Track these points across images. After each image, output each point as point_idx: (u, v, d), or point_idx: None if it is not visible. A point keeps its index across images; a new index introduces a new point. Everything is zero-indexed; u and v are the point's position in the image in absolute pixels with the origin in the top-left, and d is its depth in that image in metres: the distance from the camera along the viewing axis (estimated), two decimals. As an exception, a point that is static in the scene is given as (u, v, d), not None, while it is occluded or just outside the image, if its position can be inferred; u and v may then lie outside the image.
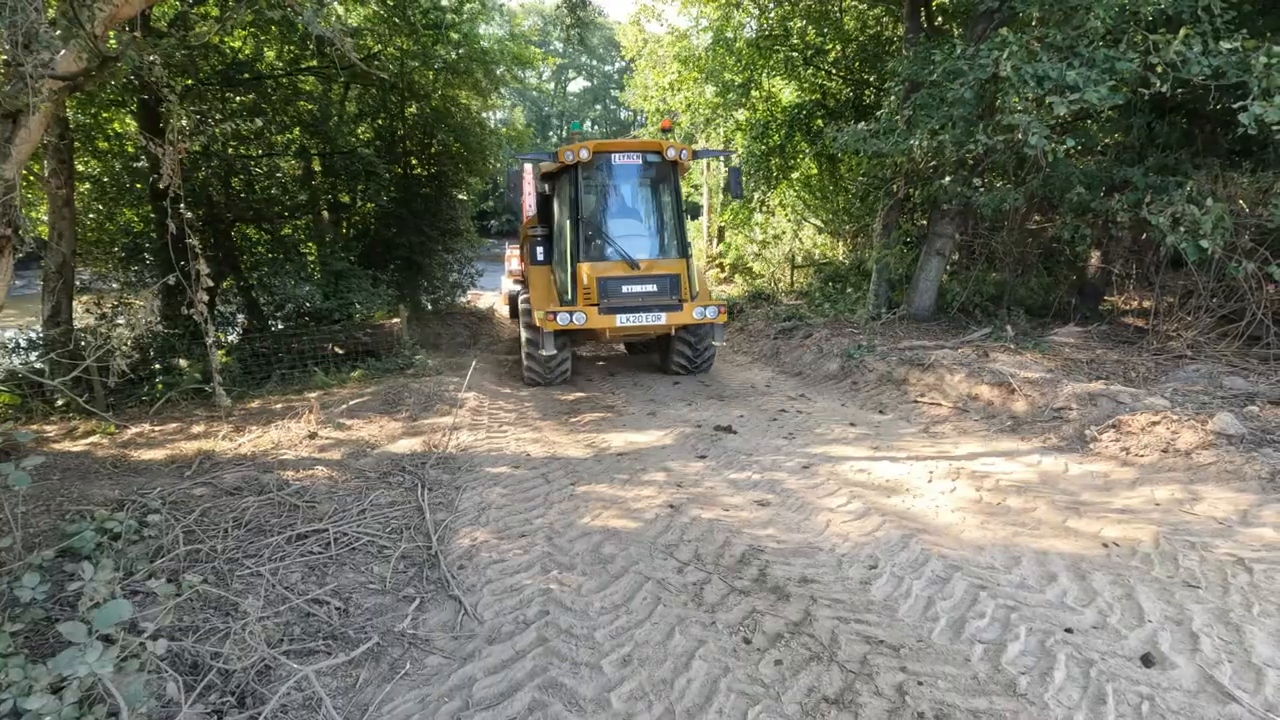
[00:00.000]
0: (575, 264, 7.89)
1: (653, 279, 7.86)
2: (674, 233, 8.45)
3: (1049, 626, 2.91)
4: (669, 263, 8.13)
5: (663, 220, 8.57)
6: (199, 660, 2.70)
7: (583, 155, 7.88)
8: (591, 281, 7.73)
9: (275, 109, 11.60)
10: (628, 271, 7.84)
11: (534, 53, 16.35)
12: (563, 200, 8.48)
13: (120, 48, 5.16)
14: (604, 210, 8.39)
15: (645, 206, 8.69)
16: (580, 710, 2.54)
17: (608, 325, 7.69)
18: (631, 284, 7.78)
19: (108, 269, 11.23)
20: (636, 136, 21.59)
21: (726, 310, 8.17)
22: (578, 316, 7.56)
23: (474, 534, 4.16)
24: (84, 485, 4.94)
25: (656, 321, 7.75)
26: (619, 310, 7.67)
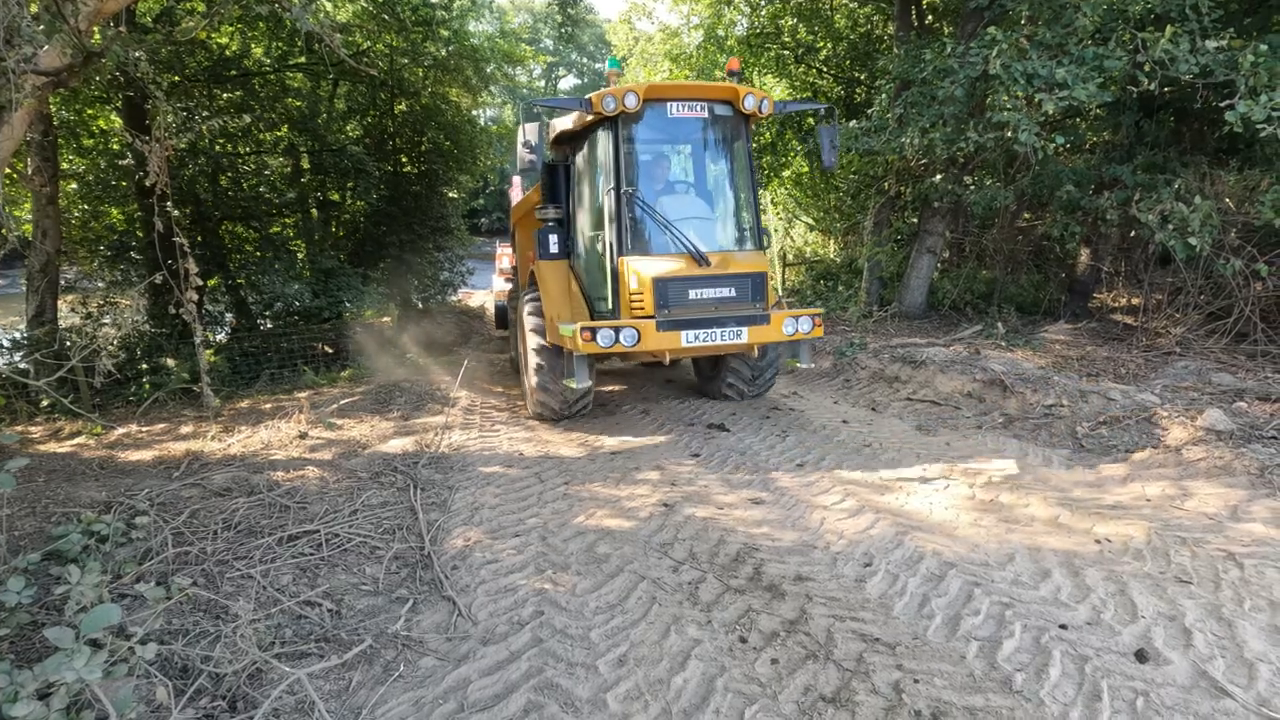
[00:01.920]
0: (616, 259, 5.59)
1: (729, 280, 5.55)
2: (750, 215, 6.23)
3: (1043, 623, 2.91)
4: (748, 258, 5.87)
5: (736, 197, 6.21)
6: (189, 664, 2.66)
7: (629, 102, 5.46)
8: (646, 285, 5.36)
9: (263, 106, 11.49)
10: (695, 270, 5.49)
11: (524, 50, 16.30)
12: (592, 169, 6.17)
13: (105, 43, 5.10)
14: (658, 182, 6.09)
15: (712, 177, 6.39)
16: (576, 711, 2.52)
17: (670, 346, 5.36)
18: (701, 287, 5.46)
19: (93, 268, 11.10)
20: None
21: (823, 320, 5.91)
22: (627, 334, 5.19)
23: (467, 534, 4.14)
24: (70, 487, 4.87)
25: (735, 340, 5.48)
26: (685, 325, 5.35)
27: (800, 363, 6.02)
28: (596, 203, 6.06)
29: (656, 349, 5.39)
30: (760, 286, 5.61)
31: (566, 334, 5.42)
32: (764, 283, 5.65)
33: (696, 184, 6.32)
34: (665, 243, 5.62)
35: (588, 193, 6.30)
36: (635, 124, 5.75)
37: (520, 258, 9.27)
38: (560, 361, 6.16)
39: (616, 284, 5.60)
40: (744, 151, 6.08)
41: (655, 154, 6.12)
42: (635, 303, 5.44)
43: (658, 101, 5.72)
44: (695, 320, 5.39)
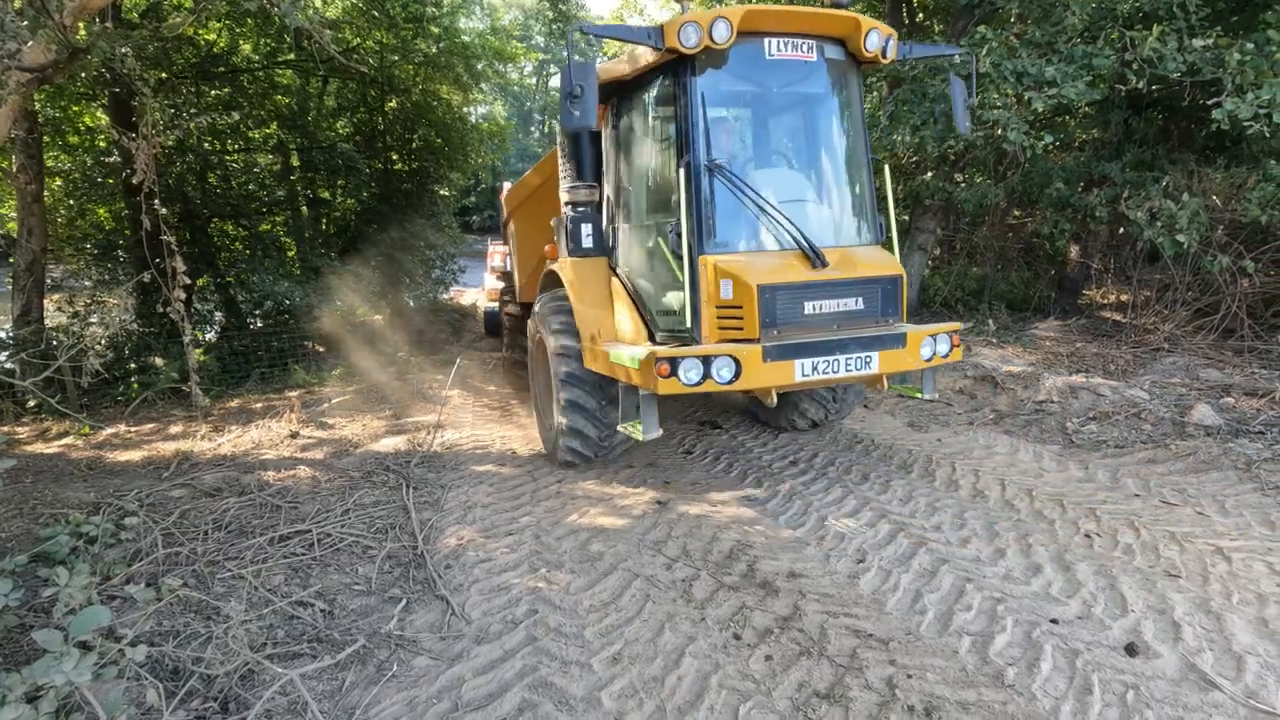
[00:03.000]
0: (694, 257, 4.03)
1: (855, 287, 4.11)
2: (867, 196, 4.63)
3: (1035, 618, 2.94)
4: (873, 255, 4.39)
5: (850, 172, 4.59)
6: (180, 666, 2.65)
7: (718, 35, 3.91)
8: (748, 294, 3.83)
9: (252, 103, 11.40)
10: (811, 274, 4.00)
11: (516, 47, 16.23)
12: (650, 132, 4.68)
13: (90, 39, 5.05)
14: (750, 150, 4.57)
15: (819, 144, 4.67)
16: (571, 709, 2.52)
17: (780, 381, 3.88)
18: (820, 297, 4.01)
19: (80, 266, 10.98)
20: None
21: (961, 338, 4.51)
22: (722, 366, 3.71)
23: (460, 533, 4.12)
24: (58, 488, 4.83)
25: (863, 370, 3.97)
26: (799, 351, 3.85)
27: (924, 393, 4.57)
28: (658, 179, 4.54)
29: (762, 386, 3.87)
30: (894, 294, 4.18)
31: (627, 364, 3.99)
32: (899, 290, 4.19)
33: (798, 153, 4.69)
34: (762, 234, 4.16)
35: (643, 165, 4.72)
36: (721, 67, 4.16)
37: (520, 254, 7.72)
38: (605, 395, 4.68)
39: (695, 293, 3.99)
40: (858, 110, 4.56)
41: (746, 111, 4.59)
42: (727, 319, 3.93)
43: (753, 36, 4.11)
44: (812, 344, 3.83)
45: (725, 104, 4.40)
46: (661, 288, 4.45)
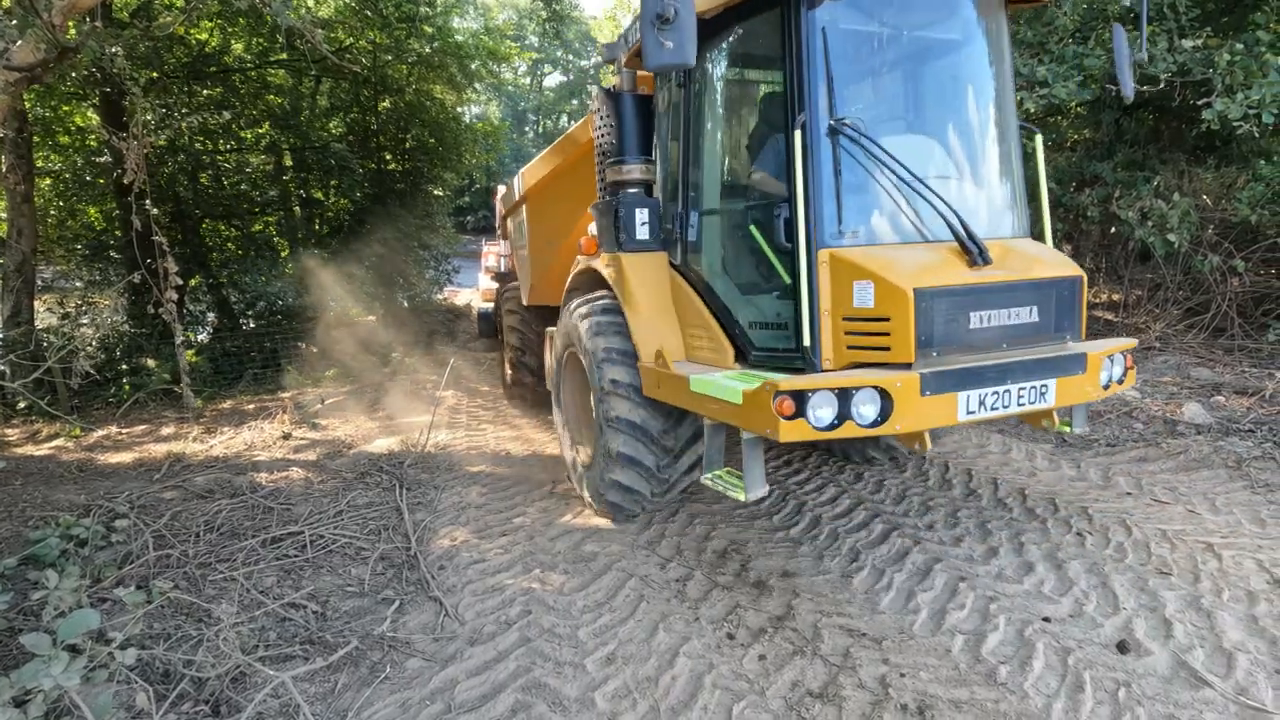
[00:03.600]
0: (811, 251, 3.08)
1: (1028, 292, 3.16)
2: (1016, 171, 3.62)
3: (1027, 616, 2.94)
4: (1040, 251, 3.46)
5: (1001, 140, 3.59)
6: (171, 669, 2.63)
7: None
8: (899, 302, 2.85)
9: (244, 103, 11.36)
10: (974, 274, 3.01)
11: (509, 47, 16.21)
12: (732, 91, 3.91)
13: (80, 38, 5.02)
14: (880, 110, 3.52)
15: (964, 102, 3.59)
16: (565, 710, 2.51)
17: (941, 421, 2.94)
18: (988, 304, 3.05)
19: (70, 267, 10.93)
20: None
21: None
22: (865, 403, 2.81)
23: (454, 534, 4.11)
24: (48, 490, 4.80)
25: (1037, 404, 3.09)
26: (966, 380, 2.90)
27: (1073, 427, 3.48)
28: (747, 150, 3.73)
29: (916, 428, 2.86)
30: (1073, 303, 3.21)
31: (724, 397, 3.01)
32: (1078, 296, 3.23)
33: (939, 115, 3.56)
34: (902, 220, 3.17)
35: (725, 133, 3.79)
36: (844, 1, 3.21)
37: (532, 248, 6.34)
38: (667, 430, 3.77)
39: (814, 299, 3.02)
40: (1008, 62, 3.59)
41: (875, 58, 3.45)
42: (861, 336, 2.96)
43: None
44: (980, 371, 2.89)
45: (849, 48, 3.27)
46: (755, 292, 3.45)
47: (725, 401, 3.03)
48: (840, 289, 3.01)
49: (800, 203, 3.04)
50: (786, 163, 3.12)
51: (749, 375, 3.13)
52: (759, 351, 3.41)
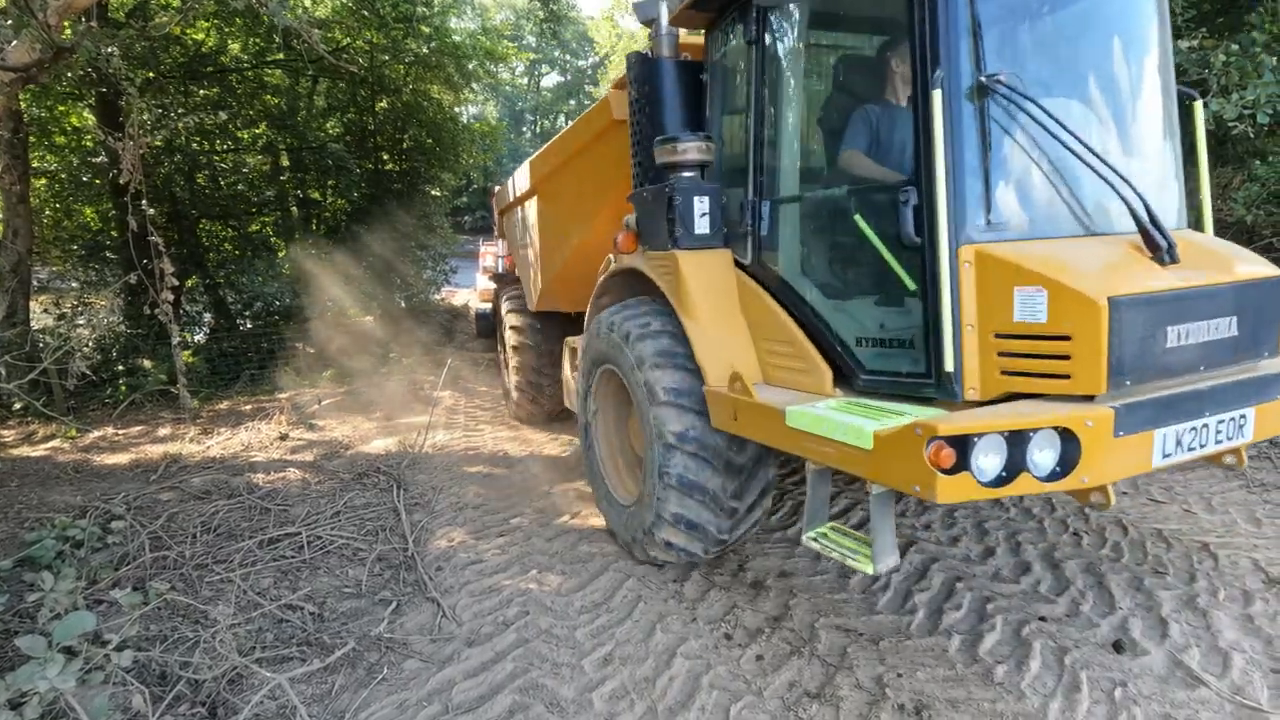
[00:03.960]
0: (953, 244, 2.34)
1: (1229, 298, 2.45)
2: (1176, 151, 3.00)
3: (1024, 616, 2.95)
4: (1224, 248, 2.75)
5: (1164, 114, 2.92)
6: (167, 671, 2.63)
7: None
8: (1087, 313, 2.13)
9: (241, 103, 11.33)
10: (1173, 279, 2.32)
11: (507, 47, 16.20)
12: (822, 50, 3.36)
13: (76, 38, 5.01)
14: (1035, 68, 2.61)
15: (1122, 67, 2.85)
16: (562, 711, 2.51)
17: (1133, 470, 2.34)
18: (1186, 315, 2.33)
19: (67, 268, 10.90)
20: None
21: None
22: (1042, 449, 2.11)
23: (451, 535, 4.11)
24: (44, 491, 4.79)
25: (1234, 440, 2.46)
26: (1163, 413, 2.25)
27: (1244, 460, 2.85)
28: (844, 121, 2.95)
29: (1108, 479, 2.26)
30: (1275, 309, 2.61)
31: (843, 436, 2.34)
32: None
33: (1096, 82, 2.80)
34: (1060, 209, 2.55)
35: (809, 103, 3.19)
36: None
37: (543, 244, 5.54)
38: (734, 468, 3.11)
39: (955, 310, 2.35)
40: (1167, 18, 2.93)
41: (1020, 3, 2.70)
42: (1025, 359, 2.32)
43: None
44: (1176, 401, 2.31)
45: None
46: (860, 299, 2.81)
47: (845, 445, 2.30)
48: (993, 297, 2.32)
49: (937, 185, 2.30)
50: (916, 134, 2.41)
51: (871, 409, 2.46)
52: (871, 376, 2.69)
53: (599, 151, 4.38)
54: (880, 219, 2.61)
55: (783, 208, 3.11)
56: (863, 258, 2.78)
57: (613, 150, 4.09)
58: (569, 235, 4.97)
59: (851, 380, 2.78)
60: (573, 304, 5.25)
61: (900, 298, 2.61)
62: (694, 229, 3.26)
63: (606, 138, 4.23)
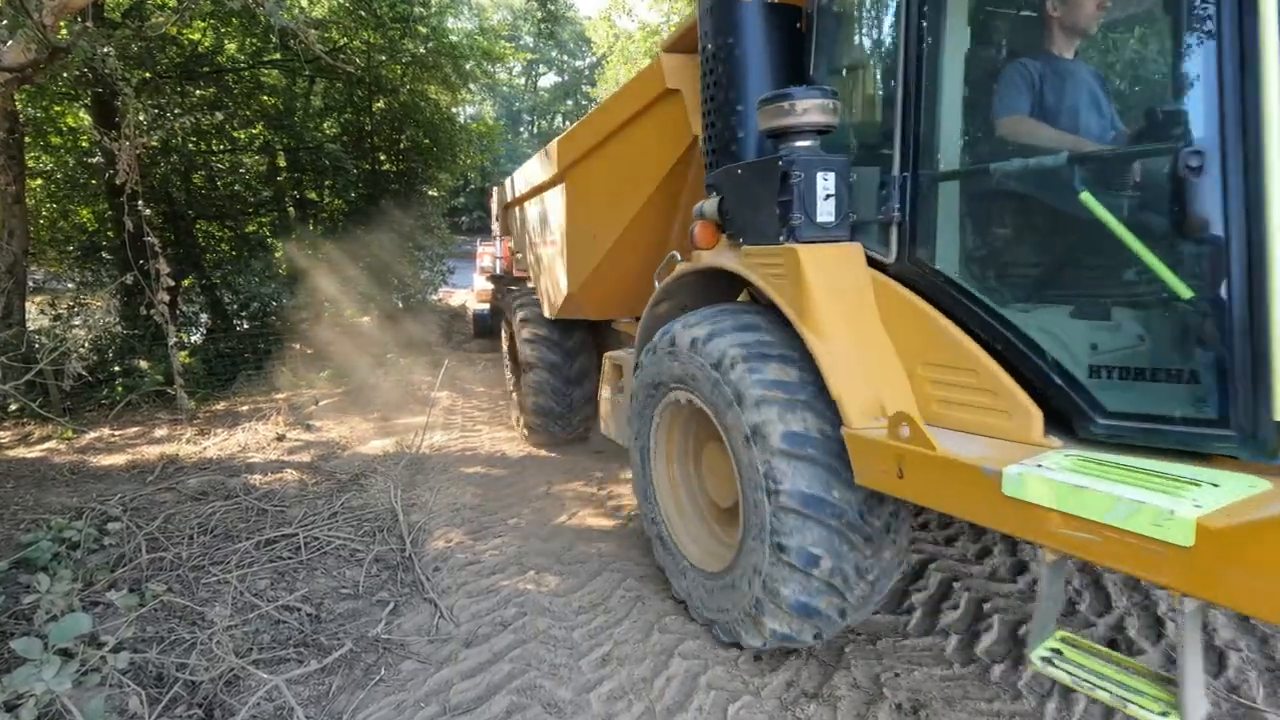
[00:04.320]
0: (1265, 231, 1.59)
1: None
2: None
3: (1020, 615, 2.96)
4: None
5: None
6: (164, 672, 2.62)
7: None
8: None
9: (237, 103, 11.31)
10: None
11: (504, 47, 16.19)
12: None
13: (71, 38, 4.99)
14: None
15: None
16: (559, 712, 2.51)
17: None
18: None
19: (63, 268, 10.87)
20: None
21: None
22: None
23: (449, 535, 4.11)
24: (40, 493, 4.77)
25: None
26: None
27: None
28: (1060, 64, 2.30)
29: None
30: None
31: (1127, 523, 1.56)
32: None
33: None
34: None
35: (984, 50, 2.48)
36: None
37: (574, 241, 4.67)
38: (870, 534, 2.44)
39: None
40: None
41: None
42: None
43: None
44: None
45: None
46: (1094, 310, 2.10)
47: (1133, 535, 1.56)
48: None
49: (1269, 143, 1.58)
50: (1217, 67, 1.67)
51: (1139, 473, 1.73)
52: (1114, 421, 1.94)
53: (646, 128, 3.69)
54: (1129, 198, 1.89)
55: (948, 186, 2.32)
56: (1099, 252, 1.98)
57: (664, 126, 3.47)
58: (604, 230, 4.18)
59: (1076, 425, 2.01)
60: (602, 311, 4.66)
61: (1164, 310, 1.89)
62: (817, 215, 2.47)
63: (656, 112, 3.54)
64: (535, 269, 5.61)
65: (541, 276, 5.41)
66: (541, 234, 5.35)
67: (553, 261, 5.01)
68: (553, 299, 5.08)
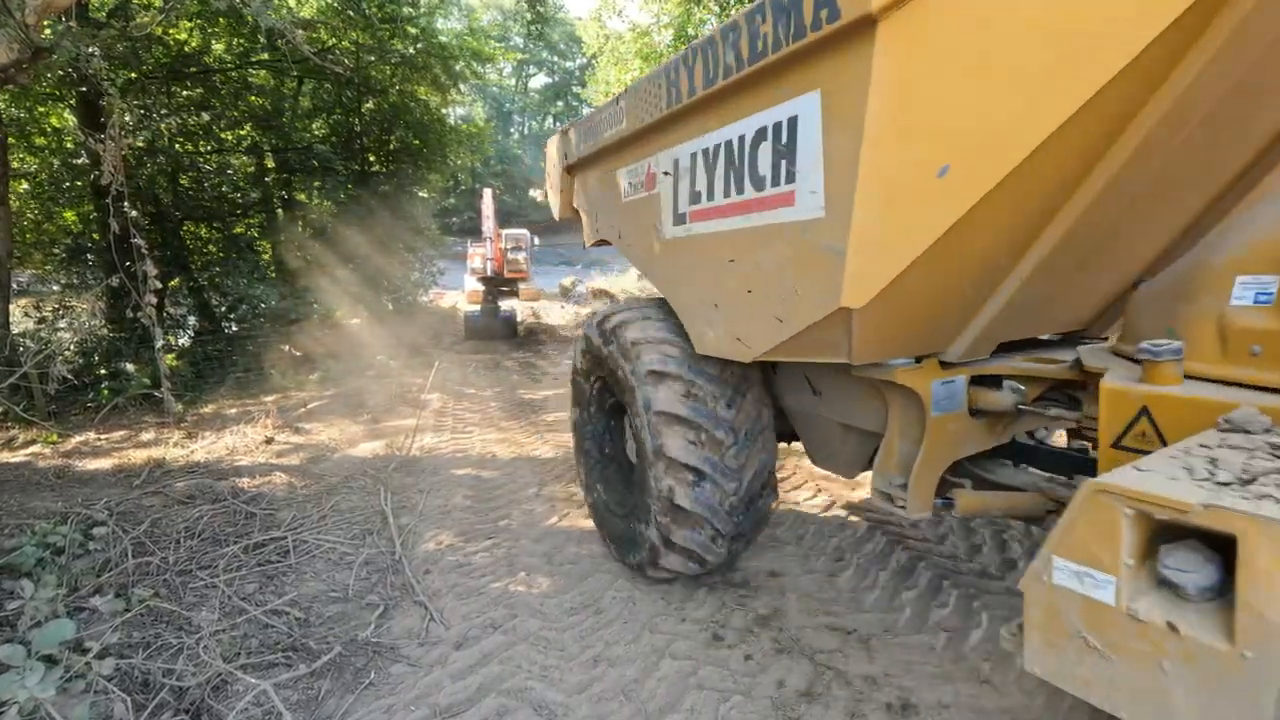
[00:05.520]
0: None
1: None
2: None
3: (1010, 613, 2.97)
4: None
5: None
6: (150, 678, 2.59)
7: None
8: None
9: (225, 103, 11.24)
10: None
11: (494, 48, 16.16)
12: None
13: (55, 38, 4.94)
14: None
15: None
16: (550, 714, 2.50)
17: None
18: None
19: (48, 270, 10.76)
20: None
21: None
22: None
23: (439, 538, 4.09)
24: (24, 498, 4.72)
25: None
26: None
27: None
28: None
29: None
30: None
31: None
32: None
33: None
34: None
35: None
36: None
37: (886, 180, 1.87)
38: None
39: None
40: None
41: None
42: None
43: None
44: None
45: None
46: None
47: None
48: None
49: None
50: None
51: None
52: None
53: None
54: None
55: None
56: None
57: None
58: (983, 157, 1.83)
59: None
60: (925, 345, 2.40)
61: None
62: None
63: None
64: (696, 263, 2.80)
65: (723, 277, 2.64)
66: (740, 184, 2.45)
67: (793, 242, 2.24)
68: (778, 314, 2.36)
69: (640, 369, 3.03)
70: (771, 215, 2.28)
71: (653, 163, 3.00)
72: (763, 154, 2.24)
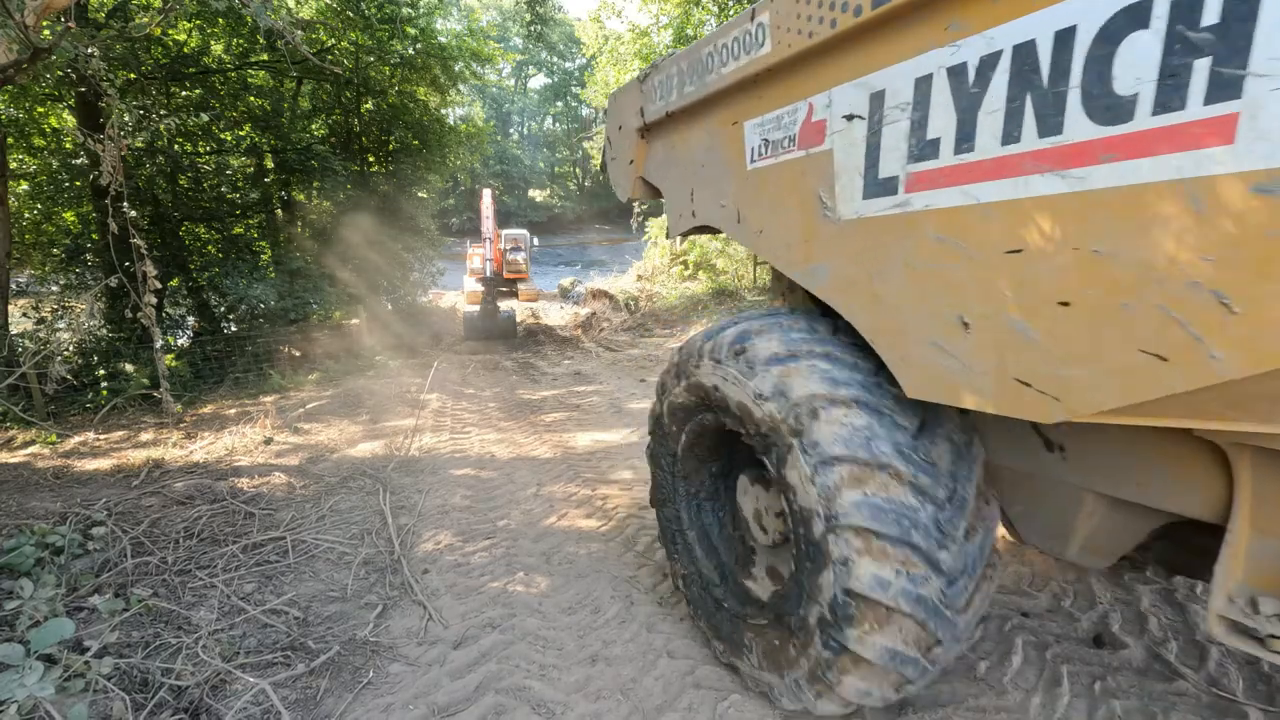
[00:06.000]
0: None
1: None
2: None
3: (1006, 612, 2.98)
4: None
5: None
6: (149, 677, 2.60)
7: None
8: None
9: (224, 104, 11.25)
10: None
11: (493, 49, 16.17)
12: None
13: (54, 39, 4.94)
14: None
15: None
16: (548, 712, 2.51)
17: None
18: None
19: (46, 271, 10.77)
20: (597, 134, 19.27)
21: None
22: None
23: (438, 537, 4.10)
24: (22, 498, 4.72)
25: None
26: None
27: None
28: None
29: None
30: None
31: None
32: None
33: None
34: None
35: None
36: None
37: None
38: None
39: None
40: None
41: None
42: None
43: None
44: None
45: None
46: None
47: None
48: None
49: None
50: None
51: None
52: None
53: None
54: None
55: None
56: None
57: None
58: None
59: None
60: None
61: None
62: None
63: None
64: (921, 258, 1.78)
65: (994, 279, 1.59)
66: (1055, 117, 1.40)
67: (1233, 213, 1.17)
68: (1156, 347, 1.31)
69: (821, 453, 1.93)
70: (1156, 165, 1.25)
71: (819, 103, 2.01)
72: (1129, 54, 1.26)
